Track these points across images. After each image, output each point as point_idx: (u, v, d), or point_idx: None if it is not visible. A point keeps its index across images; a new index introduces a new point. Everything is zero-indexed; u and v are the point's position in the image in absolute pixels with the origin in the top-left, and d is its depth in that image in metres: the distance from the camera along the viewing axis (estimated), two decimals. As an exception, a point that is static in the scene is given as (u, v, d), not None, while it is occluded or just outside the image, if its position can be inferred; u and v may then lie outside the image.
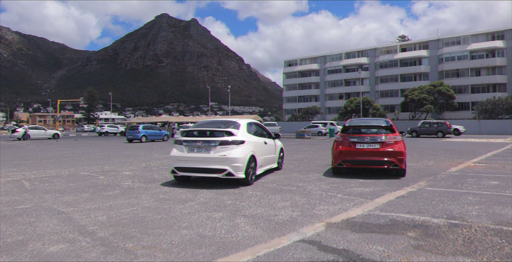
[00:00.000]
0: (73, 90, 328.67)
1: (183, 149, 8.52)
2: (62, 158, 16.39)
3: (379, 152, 9.20)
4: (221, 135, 8.32)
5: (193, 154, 8.35)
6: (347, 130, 9.95)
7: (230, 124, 8.82)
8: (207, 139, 8.32)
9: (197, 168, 8.30)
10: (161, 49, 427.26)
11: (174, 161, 8.58)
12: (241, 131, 8.61)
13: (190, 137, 8.59)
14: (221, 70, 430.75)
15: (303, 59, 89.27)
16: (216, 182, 8.89)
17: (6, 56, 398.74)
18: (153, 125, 36.32)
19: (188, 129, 9.08)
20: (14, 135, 39.92)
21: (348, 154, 9.46)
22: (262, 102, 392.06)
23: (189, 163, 8.36)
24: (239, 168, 8.09)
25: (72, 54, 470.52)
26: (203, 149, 8.28)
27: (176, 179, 9.15)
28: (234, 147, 8.18)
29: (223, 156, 8.07)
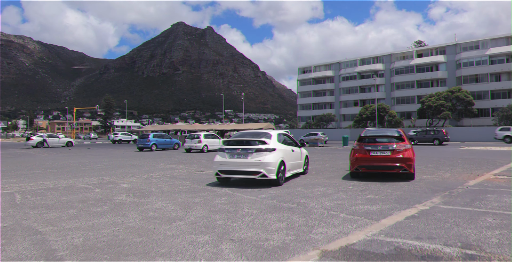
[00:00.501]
0: (91, 97, 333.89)
1: (225, 155, 10.28)
2: (66, 168, 16.19)
3: (391, 158, 10.54)
4: (256, 144, 10.08)
5: (234, 159, 10.11)
6: (363, 139, 11.35)
7: (263, 135, 10.57)
8: (245, 147, 10.08)
9: (237, 170, 10.08)
10: (177, 57, 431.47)
11: (218, 165, 10.35)
12: (272, 141, 10.35)
13: (231, 146, 10.33)
14: (236, 77, 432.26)
15: (318, 66, 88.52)
16: (215, 197, 8.37)
17: (28, 65, 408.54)
18: (164, 133, 36.06)
19: (229, 139, 10.96)
20: (28, 143, 40.17)
21: (364, 160, 10.84)
22: (277, 109, 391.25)
23: (230, 167, 10.13)
24: (272, 171, 9.76)
25: (90, 63, 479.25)
26: (242, 155, 10.03)
27: (219, 181, 10.82)
28: (267, 154, 9.87)
29: (259, 161, 9.77)
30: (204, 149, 27.58)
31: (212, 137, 29.29)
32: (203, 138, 27.64)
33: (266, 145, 10.00)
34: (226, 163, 10.20)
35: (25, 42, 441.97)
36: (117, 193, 9.15)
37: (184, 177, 12.39)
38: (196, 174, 13.34)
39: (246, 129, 43.84)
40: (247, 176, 9.99)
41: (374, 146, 10.84)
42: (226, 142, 10.77)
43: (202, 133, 28.42)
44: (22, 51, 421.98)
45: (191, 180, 11.54)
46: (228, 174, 10.23)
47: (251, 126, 43.44)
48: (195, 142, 27.45)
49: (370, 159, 10.75)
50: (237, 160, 10.04)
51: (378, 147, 10.79)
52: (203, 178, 11.91)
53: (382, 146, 10.77)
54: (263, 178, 9.79)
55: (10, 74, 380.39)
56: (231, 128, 45.91)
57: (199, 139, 27.46)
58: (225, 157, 10.26)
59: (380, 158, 10.62)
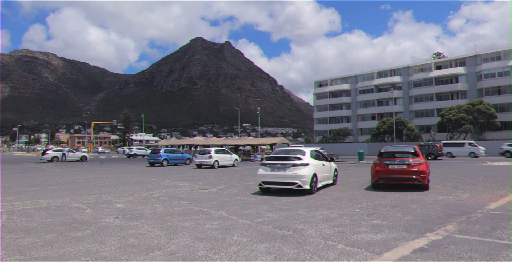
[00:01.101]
0: (111, 112, 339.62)
1: (267, 169, 12.09)
2: (70, 184, 15.91)
3: (406, 171, 12.22)
4: (292, 160, 11.83)
5: (274, 172, 11.89)
6: (382, 154, 13.20)
7: (298, 152, 12.27)
8: (283, 162, 11.86)
9: (277, 182, 11.86)
10: (195, 71, 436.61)
11: (260, 177, 12.18)
12: (306, 157, 12.10)
13: (272, 161, 12.17)
14: (254, 91, 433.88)
15: (334, 79, 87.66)
16: (208, 221, 7.72)
17: (52, 80, 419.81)
18: (175, 148, 35.69)
19: (270, 155, 12.68)
20: (44, 157, 40.45)
21: (383, 173, 12.56)
22: (295, 123, 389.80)
23: (271, 179, 11.93)
24: (306, 182, 11.53)
25: (111, 78, 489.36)
26: (281, 169, 11.81)
27: (261, 190, 12.68)
28: (302, 168, 11.64)
29: (295, 174, 11.54)
30: (214, 164, 27.00)
31: (223, 152, 28.72)
32: (214, 154, 27.09)
33: (301, 161, 11.79)
34: (268, 175, 12.00)
35: (49, 59, 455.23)
36: (107, 214, 8.64)
37: (184, 196, 11.80)
38: (198, 192, 12.73)
39: (259, 144, 43.24)
40: (285, 187, 11.81)
41: (392, 161, 12.56)
42: (267, 158, 12.52)
43: (213, 149, 27.88)
44: (46, 67, 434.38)
45: (190, 200, 10.93)
46: (269, 185, 12.12)
47: (265, 141, 42.79)
48: (206, 158, 26.92)
49: (388, 172, 12.47)
50: (277, 173, 11.84)
51: (395, 161, 12.50)
52: (203, 198, 11.28)
53: (399, 160, 12.47)
54: (299, 188, 11.61)
55: (34, 89, 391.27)
56: (245, 143, 45.33)
57: (209, 154, 26.93)
58: (267, 170, 12.08)
59: (397, 171, 12.36)
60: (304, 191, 11.89)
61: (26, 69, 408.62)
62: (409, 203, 9.72)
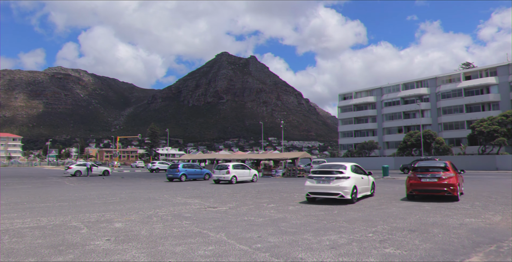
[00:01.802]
0: (139, 126, 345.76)
1: (313, 181, 13.96)
2: (80, 200, 15.72)
3: (438, 184, 13.79)
4: (336, 173, 13.68)
5: (320, 184, 13.76)
6: (416, 169, 14.70)
7: (341, 167, 14.12)
8: (328, 176, 13.73)
9: (322, 192, 13.74)
10: (221, 86, 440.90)
11: (308, 188, 14.08)
12: (347, 171, 13.88)
13: (317, 174, 14.05)
14: (280, 105, 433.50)
15: (359, 92, 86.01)
16: (202, 246, 7.04)
17: (83, 96, 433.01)
18: (195, 163, 35.28)
19: (315, 169, 14.59)
20: (67, 171, 40.95)
21: (416, 185, 14.21)
22: (321, 136, 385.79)
23: (317, 190, 13.82)
24: (347, 193, 13.32)
25: (139, 93, 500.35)
26: (326, 181, 13.66)
27: (308, 200, 14.43)
28: (344, 180, 13.45)
29: (338, 186, 13.34)
30: (232, 180, 26.32)
31: (241, 167, 28.06)
32: (232, 169, 26.45)
33: (343, 174, 13.60)
34: (314, 187, 13.89)
35: (81, 75, 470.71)
36: (101, 235, 8.14)
37: (189, 215, 11.18)
38: (206, 211, 12.09)
39: (281, 158, 42.36)
40: (330, 196, 13.62)
41: (424, 174, 14.14)
42: (314, 172, 14.41)
43: (231, 164, 27.26)
44: (78, 83, 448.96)
45: (193, 219, 10.29)
46: (315, 195, 14.03)
47: (286, 155, 41.87)
48: (224, 173, 26.31)
49: (421, 184, 14.08)
50: (322, 185, 13.70)
51: (427, 175, 14.07)
52: (208, 217, 10.62)
53: (431, 174, 14.03)
54: (341, 198, 13.35)
55: (66, 105, 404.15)
56: (266, 157, 44.53)
57: (227, 169, 26.32)
58: (313, 182, 13.95)
59: (429, 183, 13.93)
60: (346, 200, 13.60)
61: (59, 86, 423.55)
62: (430, 226, 8.73)
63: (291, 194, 18.07)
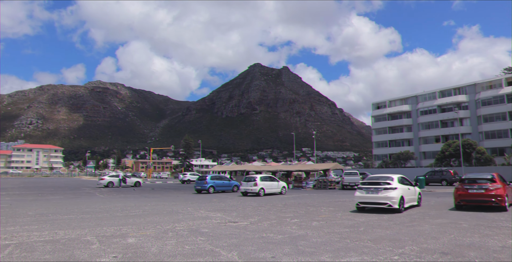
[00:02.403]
0: (174, 138, 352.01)
1: (363, 192, 15.01)
2: (103, 213, 15.69)
3: (485, 195, 14.54)
4: (383, 184, 14.66)
5: (369, 194, 14.80)
6: (464, 180, 15.64)
7: (388, 178, 15.11)
8: (376, 186, 14.74)
9: (371, 202, 14.72)
10: (254, 97, 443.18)
11: (358, 198, 15.10)
12: (394, 182, 14.80)
13: (366, 185, 15.14)
14: (313, 115, 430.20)
15: (393, 101, 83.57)
16: None
17: (120, 108, 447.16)
18: (223, 175, 35.01)
19: (364, 181, 15.87)
20: (100, 182, 41.63)
21: (464, 196, 15.09)
22: (356, 147, 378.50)
23: (366, 200, 14.84)
24: (395, 203, 14.28)
25: (174, 105, 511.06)
26: (374, 192, 14.65)
27: (358, 209, 15.48)
28: (392, 191, 14.38)
29: (386, 196, 14.31)
30: (260, 192, 25.75)
31: (269, 179, 27.47)
32: (259, 181, 25.91)
33: (390, 185, 14.57)
34: (363, 197, 14.91)
35: (118, 89, 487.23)
36: (110, 252, 7.88)
37: (206, 230, 10.73)
38: (225, 226, 11.61)
39: (311, 170, 41.41)
40: (378, 206, 14.61)
41: (471, 186, 14.98)
42: (363, 183, 15.58)
43: (259, 176, 26.74)
44: (115, 96, 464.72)
45: (209, 235, 9.83)
46: (365, 204, 15.01)
47: (317, 167, 40.92)
48: (251, 185, 25.82)
49: (469, 195, 14.93)
50: (371, 195, 14.70)
51: (474, 186, 14.91)
52: (226, 233, 10.13)
53: (478, 185, 14.85)
54: (389, 207, 14.35)
55: (105, 118, 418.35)
56: (297, 169, 43.65)
57: (255, 182, 25.80)
58: (363, 193, 15.00)
59: (476, 194, 14.75)
60: (394, 209, 14.59)
61: (98, 99, 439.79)
62: (466, 249, 7.82)
63: (318, 208, 17.31)
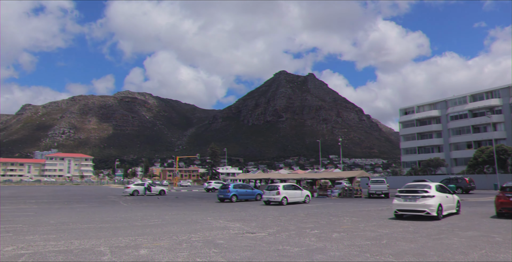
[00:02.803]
0: (201, 146, 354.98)
1: (400, 199, 15.47)
2: (122, 222, 15.66)
3: None
4: (421, 192, 15.08)
5: (407, 202, 15.23)
6: (505, 189, 15.60)
7: (425, 186, 15.57)
8: (414, 194, 15.19)
9: (409, 209, 15.16)
10: (280, 104, 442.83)
11: (396, 206, 15.57)
12: (432, 190, 15.22)
13: (404, 193, 15.56)
14: (340, 122, 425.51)
15: (421, 106, 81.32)
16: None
17: (148, 118, 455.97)
18: (246, 183, 34.67)
19: (402, 189, 16.01)
20: (126, 191, 42.06)
21: (505, 204, 15.07)
22: (385, 153, 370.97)
23: (404, 207, 15.29)
24: (433, 210, 14.67)
25: (201, 114, 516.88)
26: (412, 199, 15.10)
27: (396, 216, 15.89)
28: (429, 199, 14.79)
29: (424, 203, 14.72)
30: (283, 201, 25.25)
31: (293, 188, 26.94)
32: (282, 190, 25.42)
33: (428, 193, 14.96)
34: (401, 205, 15.37)
35: (146, 98, 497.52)
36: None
37: (221, 242, 10.41)
38: (241, 237, 11.26)
39: (337, 178, 40.55)
40: (416, 213, 15.03)
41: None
42: (400, 191, 15.89)
43: (281, 184, 26.25)
44: (143, 106, 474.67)
45: (223, 247, 9.51)
46: (403, 212, 15.50)
47: (343, 175, 40.01)
48: (273, 194, 25.37)
49: (510, 203, 14.91)
50: (409, 203, 15.15)
51: None
52: (240, 245, 9.78)
53: None
54: (428, 214, 14.74)
55: (133, 127, 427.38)
56: (322, 177, 42.88)
57: (277, 190, 25.34)
58: (401, 200, 15.46)
59: None
60: (432, 217, 14.90)
61: (127, 109, 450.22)
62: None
63: (340, 218, 16.71)
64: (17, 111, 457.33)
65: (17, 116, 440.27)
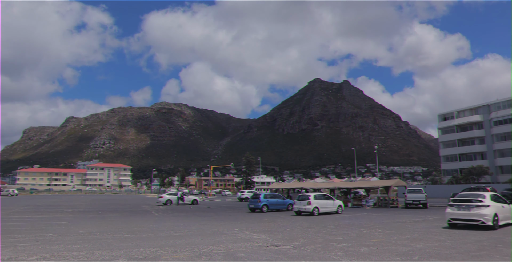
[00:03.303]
0: (237, 155, 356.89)
1: (454, 209, 15.50)
2: (147, 232, 15.58)
3: None
4: (475, 202, 14.98)
5: (460, 211, 15.24)
6: None
7: (480, 196, 15.39)
8: (468, 204, 15.13)
9: (463, 218, 15.16)
10: (315, 112, 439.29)
11: (449, 215, 15.66)
12: (487, 199, 15.01)
13: (457, 202, 15.56)
14: (377, 129, 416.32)
15: (461, 111, 77.76)
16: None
17: (185, 128, 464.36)
18: (277, 193, 34.06)
19: (455, 198, 16.14)
20: (159, 200, 42.42)
21: None
22: (424, 161, 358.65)
23: (458, 216, 15.31)
24: (488, 220, 14.59)
25: (236, 123, 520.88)
26: (466, 209, 15.08)
27: (450, 226, 15.96)
28: (484, 208, 14.71)
29: (478, 213, 14.68)
30: (314, 211, 24.50)
31: (324, 198, 26.14)
32: (313, 200, 24.70)
33: (483, 203, 14.79)
34: (455, 214, 15.38)
35: (182, 109, 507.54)
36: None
37: (242, 255, 10.02)
38: (264, 250, 10.81)
39: (372, 187, 39.24)
40: (471, 223, 14.95)
41: None
42: (453, 200, 16.03)
43: (312, 194, 25.54)
44: (180, 116, 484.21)
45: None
46: (456, 221, 15.55)
47: (378, 184, 38.67)
48: (304, 204, 24.69)
49: None
50: (463, 212, 15.12)
51: None
52: (262, 259, 9.35)
53: None
54: (483, 224, 14.59)
55: (170, 137, 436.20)
56: (356, 186, 41.55)
57: (308, 200, 24.65)
58: (454, 209, 15.48)
59: None
60: (488, 227, 14.74)
61: (164, 119, 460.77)
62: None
63: (372, 230, 15.87)
64: (62, 124, 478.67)
65: (62, 128, 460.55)
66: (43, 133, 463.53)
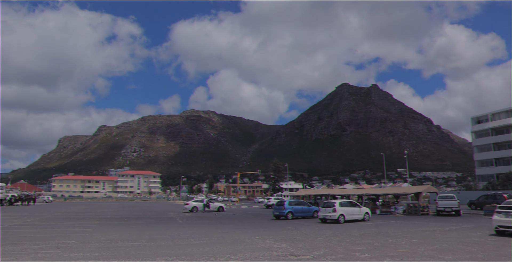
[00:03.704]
0: (265, 161, 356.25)
1: (502, 216, 14.91)
2: (168, 240, 15.53)
3: None
4: None
5: (509, 218, 14.54)
6: None
7: None
8: None
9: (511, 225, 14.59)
10: (343, 117, 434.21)
11: (496, 222, 15.13)
12: None
13: (505, 209, 14.98)
14: (407, 133, 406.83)
15: (496, 113, 74.69)
16: None
17: (213, 135, 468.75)
18: (302, 200, 33.51)
19: (502, 205, 15.82)
20: (185, 207, 42.55)
21: None
22: (458, 166, 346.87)
23: (506, 223, 14.63)
24: None
25: (264, 129, 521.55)
26: None
27: (497, 233, 15.41)
28: None
29: None
30: (339, 219, 23.83)
31: (350, 205, 25.43)
32: (338, 207, 24.04)
33: None
34: (503, 221, 14.82)
35: (210, 116, 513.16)
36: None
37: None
38: (283, 260, 10.44)
39: (401, 194, 38.02)
40: None
41: None
42: (500, 207, 15.63)
43: (338, 201, 24.89)
44: (208, 123, 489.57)
45: (257, 272, 8.78)
46: (505, 228, 14.84)
47: (407, 190, 37.44)
48: (329, 211, 24.06)
49: None
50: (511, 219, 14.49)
51: None
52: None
53: None
54: None
55: (199, 144, 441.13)
56: (384, 192, 40.37)
57: (333, 207, 24.00)
58: (502, 217, 14.94)
59: None
60: None
61: (192, 127, 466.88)
62: None
63: (398, 239, 15.17)
64: (94, 132, 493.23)
65: (94, 137, 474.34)
66: (77, 142, 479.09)
